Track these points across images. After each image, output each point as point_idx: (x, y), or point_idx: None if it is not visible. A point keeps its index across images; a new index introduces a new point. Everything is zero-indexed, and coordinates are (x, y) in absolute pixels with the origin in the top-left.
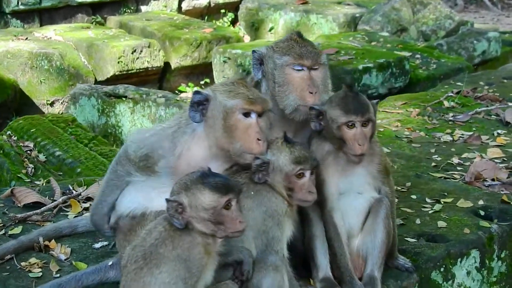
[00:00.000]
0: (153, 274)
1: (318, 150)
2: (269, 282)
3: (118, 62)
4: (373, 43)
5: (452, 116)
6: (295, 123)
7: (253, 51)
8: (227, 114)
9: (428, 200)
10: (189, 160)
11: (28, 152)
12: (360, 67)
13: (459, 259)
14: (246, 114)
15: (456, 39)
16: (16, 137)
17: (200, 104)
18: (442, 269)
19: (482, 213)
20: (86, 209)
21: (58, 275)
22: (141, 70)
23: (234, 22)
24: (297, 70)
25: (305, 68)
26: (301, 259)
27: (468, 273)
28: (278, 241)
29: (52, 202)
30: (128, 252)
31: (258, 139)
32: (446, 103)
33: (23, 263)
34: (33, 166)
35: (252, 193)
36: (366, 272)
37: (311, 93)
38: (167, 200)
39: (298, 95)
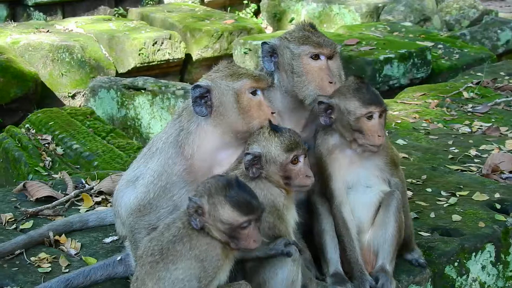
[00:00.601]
0: (168, 269)
1: (323, 144)
2: (285, 273)
3: (139, 54)
4: (395, 33)
5: (471, 107)
6: (306, 115)
7: (263, 43)
8: (238, 96)
9: (443, 193)
10: (203, 156)
11: (46, 145)
12: (381, 57)
13: (473, 254)
14: (254, 93)
15: (480, 28)
16: (34, 130)
17: (202, 98)
18: (456, 264)
19: (498, 206)
20: (98, 203)
21: (67, 270)
22: (162, 62)
23: (257, 13)
24: (315, 59)
25: (323, 58)
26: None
27: (483, 267)
28: (285, 234)
29: (64, 196)
30: (145, 243)
31: (272, 113)
32: (465, 94)
33: (32, 258)
34: (50, 159)
35: None
36: (377, 265)
37: (331, 82)
38: (190, 199)
39: (318, 85)
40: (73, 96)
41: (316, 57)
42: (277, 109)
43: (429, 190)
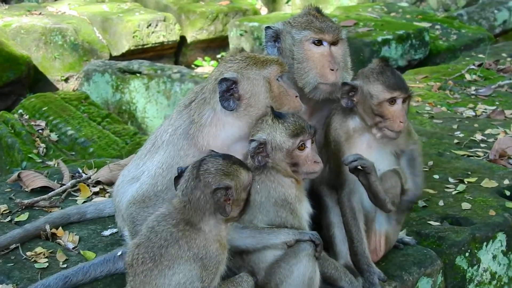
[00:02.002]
0: (166, 275)
1: (342, 127)
2: (300, 270)
3: (133, 37)
4: (392, 14)
5: (474, 90)
6: (311, 103)
7: (267, 27)
8: (269, 84)
9: (451, 180)
10: (219, 147)
11: (40, 131)
12: (379, 39)
13: (484, 243)
14: (278, 79)
15: (477, 8)
16: (27, 116)
17: (228, 91)
18: (467, 254)
19: (507, 193)
20: (96, 193)
21: (65, 265)
22: (156, 45)
23: None
24: (317, 45)
25: (325, 43)
26: None
27: (494, 257)
28: (298, 228)
29: (61, 186)
30: (132, 250)
31: (296, 96)
32: (468, 76)
33: (28, 253)
34: (44, 146)
35: (258, 186)
36: None
37: (332, 70)
38: (216, 189)
39: (319, 72)
40: (66, 80)
41: (318, 43)
42: None
43: (436, 176)
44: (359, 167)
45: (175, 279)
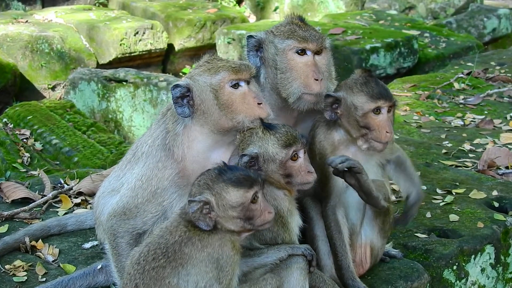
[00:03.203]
0: (179, 274)
1: (327, 139)
2: (291, 283)
3: (121, 45)
4: (380, 22)
5: (462, 99)
6: (295, 114)
7: (249, 36)
8: (217, 91)
9: (439, 191)
10: (194, 157)
11: (24, 140)
12: (368, 47)
13: (472, 256)
14: (235, 86)
15: (466, 16)
16: (12, 125)
17: (183, 97)
18: (454, 267)
19: (496, 204)
20: (77, 204)
21: (44, 279)
22: (144, 53)
23: (239, 1)
24: (300, 55)
25: (309, 53)
26: None
27: (483, 270)
28: (288, 242)
29: (42, 197)
30: (141, 249)
31: (259, 103)
32: (456, 85)
33: (7, 266)
34: (29, 155)
35: None
36: None
37: (317, 80)
38: (190, 201)
39: (303, 82)
40: (53, 88)
41: (302, 52)
42: None
43: (424, 187)
44: (350, 167)
45: (192, 281)
